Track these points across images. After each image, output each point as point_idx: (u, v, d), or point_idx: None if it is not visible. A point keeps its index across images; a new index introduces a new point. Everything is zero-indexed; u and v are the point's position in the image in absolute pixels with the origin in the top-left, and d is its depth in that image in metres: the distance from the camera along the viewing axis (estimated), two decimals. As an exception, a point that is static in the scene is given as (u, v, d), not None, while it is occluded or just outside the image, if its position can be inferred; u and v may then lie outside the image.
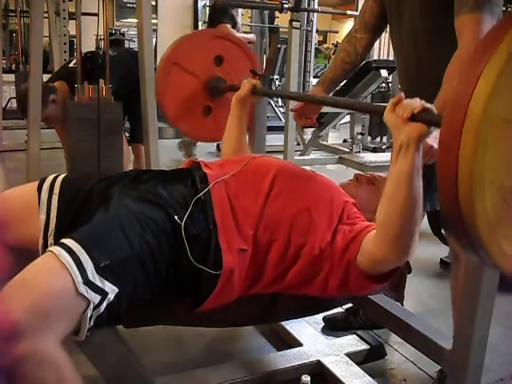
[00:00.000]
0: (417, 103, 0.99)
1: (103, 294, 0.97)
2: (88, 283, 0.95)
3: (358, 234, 1.20)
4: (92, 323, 0.98)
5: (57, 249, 0.97)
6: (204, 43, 1.87)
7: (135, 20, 2.40)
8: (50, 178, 1.30)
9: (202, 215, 1.18)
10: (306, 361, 1.64)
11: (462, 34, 1.27)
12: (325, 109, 4.65)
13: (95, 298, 0.96)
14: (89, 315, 0.96)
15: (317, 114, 1.78)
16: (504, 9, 6.61)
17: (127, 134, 3.16)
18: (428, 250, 2.68)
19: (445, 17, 1.36)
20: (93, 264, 0.97)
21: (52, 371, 0.91)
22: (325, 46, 14.04)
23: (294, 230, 1.23)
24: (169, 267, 1.10)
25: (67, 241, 1.00)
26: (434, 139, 1.15)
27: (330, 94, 1.77)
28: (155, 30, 7.05)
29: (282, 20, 6.37)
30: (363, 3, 1.71)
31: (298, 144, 5.01)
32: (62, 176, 1.31)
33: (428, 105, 0.99)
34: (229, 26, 4.05)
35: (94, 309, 0.97)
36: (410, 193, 1.02)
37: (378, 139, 6.23)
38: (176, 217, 1.13)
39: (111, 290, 0.98)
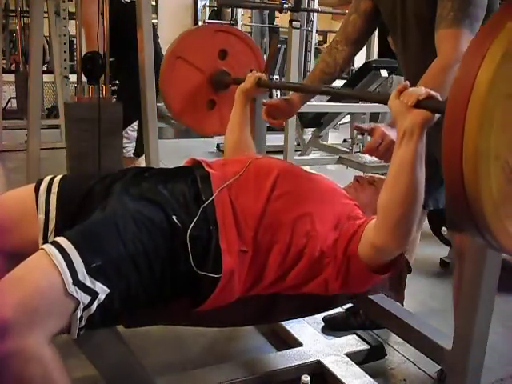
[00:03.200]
0: (422, 90, 1.00)
1: (93, 294, 0.97)
2: (78, 284, 0.95)
3: (358, 227, 1.21)
4: (84, 323, 0.98)
5: (49, 247, 0.98)
6: (208, 37, 1.88)
7: (135, 20, 2.39)
8: (47, 178, 1.29)
9: (203, 216, 1.17)
10: (306, 361, 1.64)
11: (440, 47, 1.29)
12: (325, 109, 4.66)
13: (85, 298, 0.96)
14: (79, 315, 0.96)
15: (287, 118, 1.80)
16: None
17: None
18: (428, 250, 2.68)
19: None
20: (84, 264, 0.97)
21: (39, 369, 0.90)
22: (325, 46, 14.03)
23: (296, 233, 1.23)
24: (165, 268, 1.09)
25: (60, 239, 1.00)
26: (389, 130, 1.18)
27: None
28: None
29: (282, 20, 6.38)
30: (345, 16, 1.68)
31: (298, 144, 5.01)
32: (60, 176, 1.30)
33: (433, 92, 1.00)
34: None
35: (85, 309, 0.97)
36: (412, 179, 1.03)
37: (378, 139, 6.22)
38: (174, 217, 1.13)
39: (102, 290, 0.98)
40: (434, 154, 1.10)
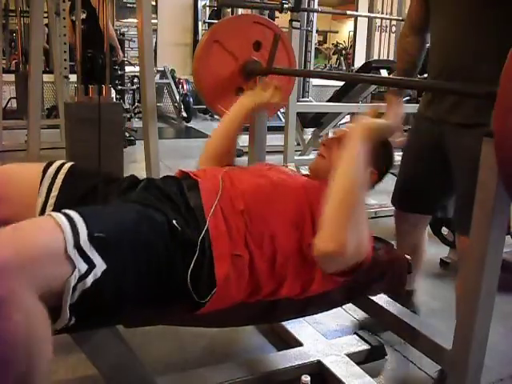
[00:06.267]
0: None
1: (91, 264, 0.96)
2: (78, 248, 0.95)
3: None
4: (76, 298, 0.96)
5: (56, 213, 0.99)
6: (246, 27, 1.93)
7: (135, 20, 2.41)
8: (58, 163, 1.32)
9: (196, 221, 1.18)
10: (306, 361, 1.64)
11: None
12: (325, 109, 4.66)
13: (82, 265, 0.95)
14: (72, 283, 0.94)
15: None
16: None
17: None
18: (428, 250, 2.68)
19: (494, 5, 1.41)
20: (87, 232, 0.97)
21: (23, 317, 0.88)
22: (325, 45, 14.03)
23: (278, 241, 1.23)
24: (162, 267, 1.09)
25: (67, 210, 1.01)
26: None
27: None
28: (155, 30, 7.06)
29: (282, 20, 6.38)
30: (409, 6, 1.76)
31: (298, 144, 5.01)
32: (69, 164, 1.33)
33: None
34: None
35: (80, 280, 0.95)
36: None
37: (378, 139, 6.23)
38: (174, 221, 1.13)
39: (100, 264, 0.98)
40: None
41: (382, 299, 1.57)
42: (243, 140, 3.66)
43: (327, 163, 1.40)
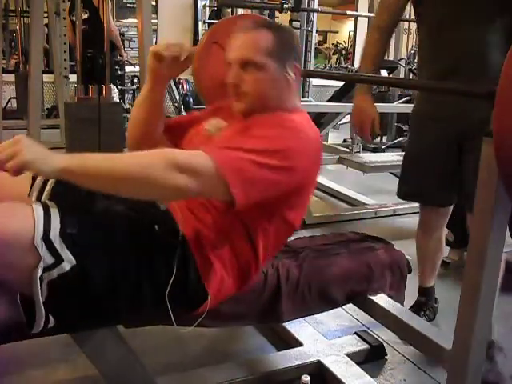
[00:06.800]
0: None
1: (58, 258, 0.98)
2: (46, 240, 0.96)
3: None
4: (45, 292, 0.97)
5: (36, 202, 1.02)
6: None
7: (135, 20, 2.41)
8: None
9: (169, 226, 1.18)
10: (306, 361, 1.64)
11: None
12: (325, 109, 4.66)
13: (48, 258, 0.97)
14: (39, 273, 0.96)
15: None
16: None
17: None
18: (428, 250, 2.67)
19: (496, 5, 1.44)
20: (60, 226, 0.98)
21: None
22: (325, 45, 14.04)
23: (249, 222, 1.21)
24: (142, 271, 1.09)
25: (49, 202, 1.03)
26: None
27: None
28: (155, 30, 7.05)
29: (282, 20, 6.39)
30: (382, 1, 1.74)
31: (298, 144, 5.00)
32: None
33: None
34: None
35: (46, 270, 0.96)
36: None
37: (378, 139, 6.23)
38: (156, 226, 1.15)
39: (68, 258, 0.99)
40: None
41: (382, 299, 1.57)
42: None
43: (247, 106, 1.26)
